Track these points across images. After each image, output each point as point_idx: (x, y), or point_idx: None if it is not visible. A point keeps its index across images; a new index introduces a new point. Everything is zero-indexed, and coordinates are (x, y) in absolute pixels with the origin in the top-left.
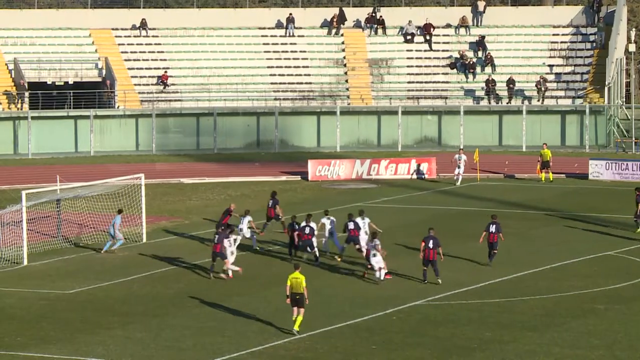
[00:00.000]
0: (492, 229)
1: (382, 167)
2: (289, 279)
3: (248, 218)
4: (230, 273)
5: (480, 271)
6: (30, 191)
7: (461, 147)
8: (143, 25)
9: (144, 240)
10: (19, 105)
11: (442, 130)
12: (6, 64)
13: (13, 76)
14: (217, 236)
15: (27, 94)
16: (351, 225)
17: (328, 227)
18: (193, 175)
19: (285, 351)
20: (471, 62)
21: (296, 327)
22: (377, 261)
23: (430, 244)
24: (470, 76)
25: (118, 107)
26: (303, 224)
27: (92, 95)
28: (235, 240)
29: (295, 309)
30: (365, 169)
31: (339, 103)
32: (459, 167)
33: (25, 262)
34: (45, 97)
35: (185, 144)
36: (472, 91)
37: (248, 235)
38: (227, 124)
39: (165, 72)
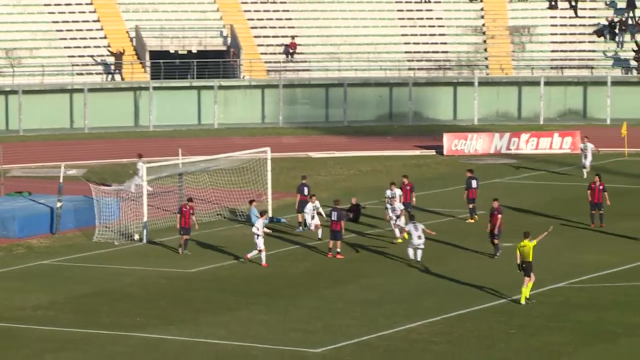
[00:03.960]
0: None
1: (523, 141)
2: (517, 248)
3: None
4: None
5: (627, 252)
6: (151, 165)
7: (585, 135)
8: None
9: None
10: (139, 75)
11: (587, 103)
12: (127, 32)
13: (134, 44)
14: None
15: (148, 63)
16: (333, 216)
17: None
18: (321, 149)
19: (417, 335)
20: (620, 29)
21: (525, 295)
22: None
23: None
24: (619, 44)
25: (243, 77)
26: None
27: (217, 64)
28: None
29: (526, 278)
30: (505, 143)
31: (477, 73)
32: (586, 157)
33: (146, 240)
34: (168, 66)
35: (314, 116)
36: (620, 60)
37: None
38: (358, 95)
39: (293, 39)
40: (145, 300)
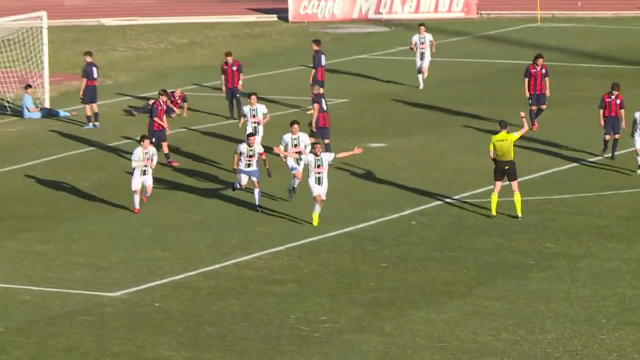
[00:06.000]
0: None
1: (397, 2)
2: (491, 143)
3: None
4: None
5: (540, 154)
6: None
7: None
8: None
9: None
10: None
11: None
12: None
13: None
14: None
15: None
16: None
17: None
18: (118, 14)
19: (253, 271)
20: None
21: (518, 212)
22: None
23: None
24: None
25: None
26: None
27: None
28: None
29: (513, 183)
30: (373, 5)
31: None
32: (422, 58)
33: None
34: None
35: None
36: None
37: None
38: None
39: None
40: None
